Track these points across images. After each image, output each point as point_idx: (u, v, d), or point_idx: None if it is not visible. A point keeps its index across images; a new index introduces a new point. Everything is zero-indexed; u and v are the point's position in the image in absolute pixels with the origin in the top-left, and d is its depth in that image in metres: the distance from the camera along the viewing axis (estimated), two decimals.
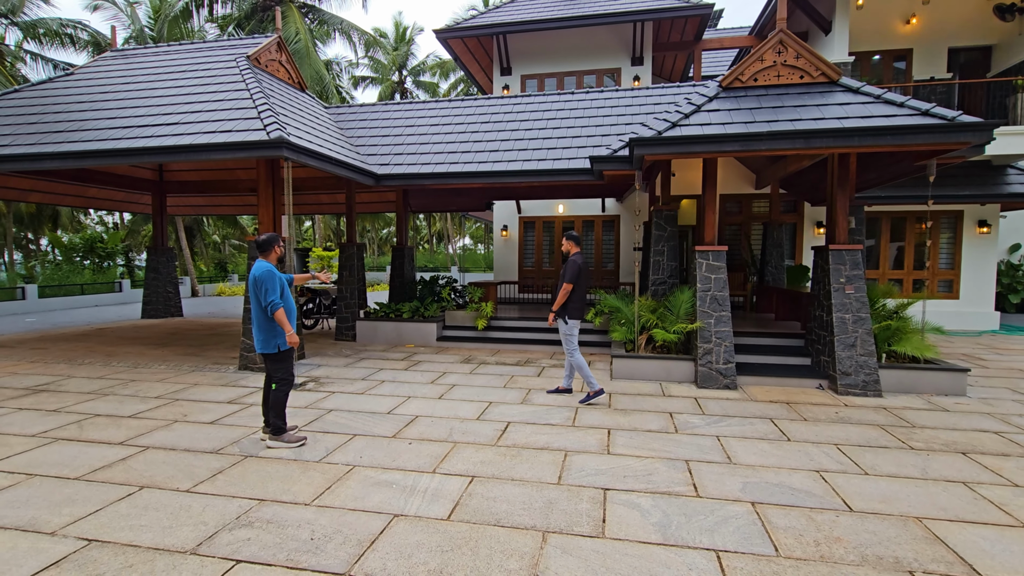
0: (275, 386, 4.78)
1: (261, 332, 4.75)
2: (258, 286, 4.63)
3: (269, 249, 4.89)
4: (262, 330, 4.74)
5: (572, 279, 5.97)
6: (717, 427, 5.29)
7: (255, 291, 4.67)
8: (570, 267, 6.02)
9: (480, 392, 6.61)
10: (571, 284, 5.97)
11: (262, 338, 4.76)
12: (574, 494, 3.80)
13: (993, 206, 12.34)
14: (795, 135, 6.17)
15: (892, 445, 4.80)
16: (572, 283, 5.97)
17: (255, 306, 4.73)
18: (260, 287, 4.62)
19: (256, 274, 4.66)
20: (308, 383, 7.04)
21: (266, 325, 4.73)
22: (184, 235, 25.78)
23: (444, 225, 48.51)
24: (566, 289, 5.98)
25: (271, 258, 4.90)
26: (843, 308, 6.78)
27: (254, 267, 4.75)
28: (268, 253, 4.89)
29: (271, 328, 4.73)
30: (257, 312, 4.73)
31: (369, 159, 9.88)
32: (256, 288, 4.65)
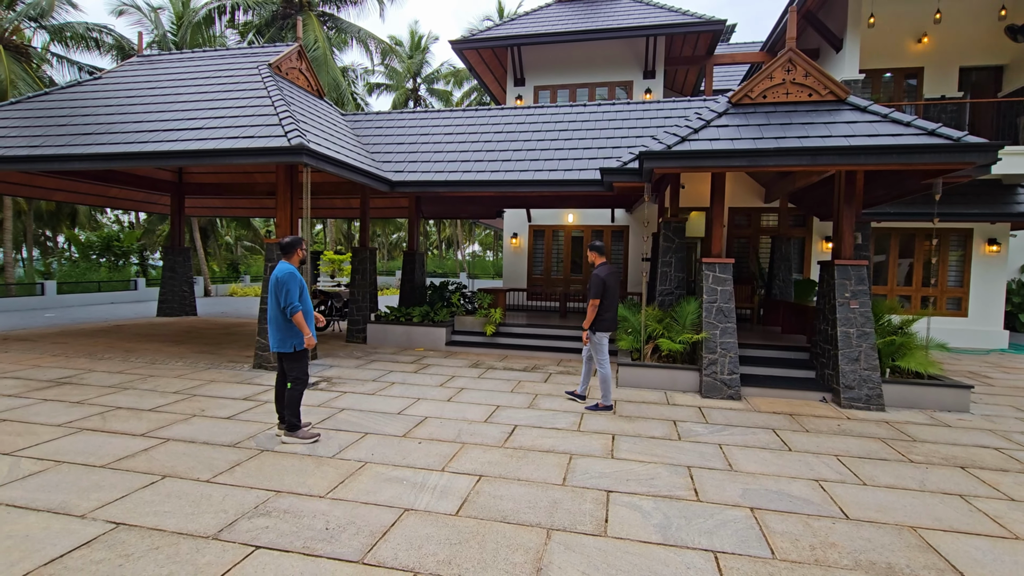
0: (290, 385, 4.93)
1: (279, 332, 4.90)
2: (279, 287, 4.78)
3: (292, 251, 5.04)
4: (280, 330, 4.90)
5: (597, 295, 5.98)
6: (720, 435, 5.40)
7: (275, 292, 4.81)
8: (594, 283, 6.02)
9: (488, 396, 6.76)
10: (597, 300, 5.98)
11: (279, 337, 4.91)
12: (578, 495, 3.94)
13: (1003, 225, 12.36)
14: (802, 152, 6.30)
15: (892, 458, 4.89)
16: (598, 299, 5.98)
17: (273, 306, 4.88)
18: (281, 289, 4.78)
19: (278, 275, 4.81)
20: (321, 383, 7.22)
21: (284, 325, 4.89)
22: (198, 235, 26.22)
23: (454, 231, 48.85)
24: (593, 305, 5.99)
25: (293, 260, 5.05)
26: (847, 323, 6.87)
27: (276, 268, 4.89)
28: (291, 255, 5.05)
29: (288, 328, 4.89)
30: (275, 312, 4.88)
31: (384, 166, 10.12)
32: (277, 289, 4.80)
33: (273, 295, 4.85)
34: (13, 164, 8.26)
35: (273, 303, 4.88)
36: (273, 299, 4.86)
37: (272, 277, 4.84)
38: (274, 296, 4.84)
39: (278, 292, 4.81)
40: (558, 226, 14.65)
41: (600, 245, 6.33)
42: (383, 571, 2.93)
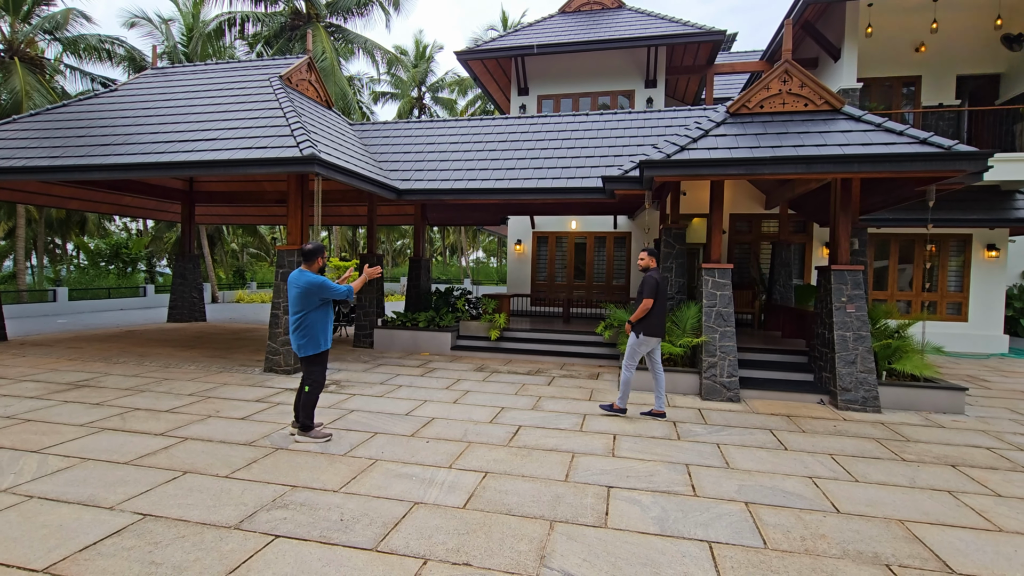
0: (308, 388, 5.13)
1: (303, 337, 5.06)
2: (312, 293, 4.98)
3: (314, 259, 5.16)
4: (304, 335, 5.05)
5: (651, 294, 5.90)
6: (718, 436, 5.56)
7: (304, 298, 4.98)
8: (648, 283, 5.96)
9: (493, 398, 6.94)
10: (651, 299, 5.90)
11: (303, 342, 5.06)
12: (580, 490, 4.11)
13: (1002, 231, 12.49)
14: (797, 160, 6.50)
15: (885, 456, 5.04)
16: (652, 298, 5.90)
17: (298, 313, 5.03)
18: (316, 293, 4.98)
19: (306, 285, 4.97)
20: (330, 386, 7.42)
21: (307, 330, 5.05)
22: (206, 242, 26.57)
23: (458, 238, 49.15)
24: (646, 305, 5.90)
25: (313, 268, 5.14)
26: (844, 326, 7.03)
27: (305, 278, 4.99)
28: (312, 263, 5.15)
29: (311, 333, 5.06)
30: (300, 317, 5.04)
31: (391, 174, 10.37)
32: (308, 296, 4.98)
33: (300, 301, 5.00)
34: (34, 175, 8.55)
35: (298, 310, 5.02)
36: (299, 305, 5.01)
37: (299, 286, 4.98)
38: (301, 302, 5.00)
39: (308, 297, 4.98)
40: (561, 232, 14.86)
41: (655, 250, 6.29)
42: (396, 558, 3.11)
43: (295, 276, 5.06)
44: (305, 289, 4.98)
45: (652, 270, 6.11)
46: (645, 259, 6.18)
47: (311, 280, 4.99)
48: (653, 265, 6.17)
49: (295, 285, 5.03)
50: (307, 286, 4.98)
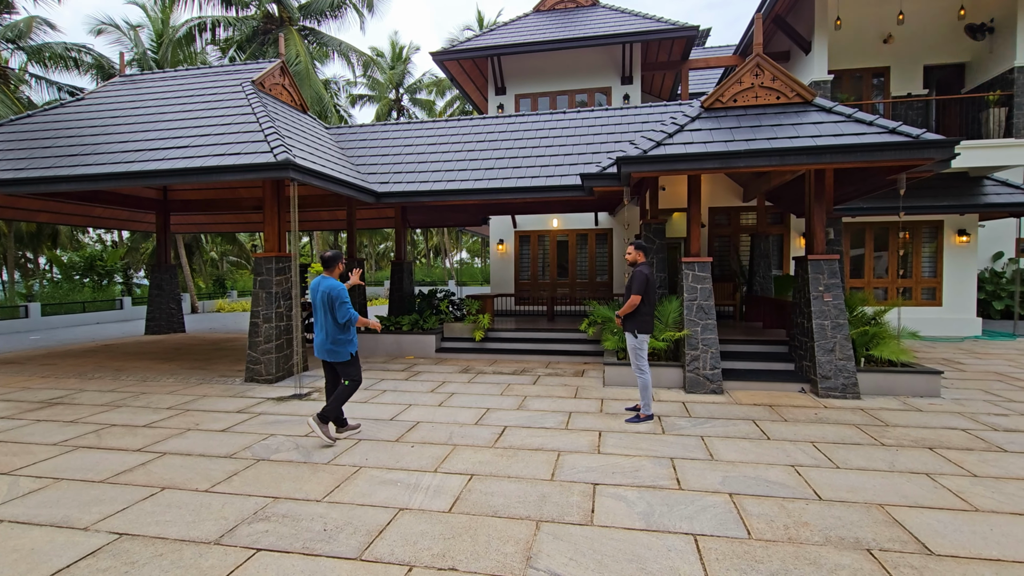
0: (347, 383, 5.26)
1: (334, 343, 5.16)
2: (335, 300, 5.06)
3: (334, 265, 5.26)
4: (335, 342, 5.15)
5: (640, 290, 5.70)
6: (702, 428, 5.60)
7: (328, 305, 5.07)
8: (637, 279, 5.75)
9: (478, 400, 6.91)
10: (639, 296, 5.71)
11: (337, 349, 5.17)
12: (566, 489, 4.11)
13: (972, 216, 12.80)
14: (771, 153, 6.58)
15: (865, 442, 5.12)
16: (640, 295, 5.71)
17: (327, 318, 5.10)
18: (336, 301, 5.06)
19: (330, 291, 5.06)
20: (312, 393, 7.33)
21: (337, 336, 5.15)
22: (184, 252, 26.09)
23: (441, 240, 48.97)
24: (633, 301, 5.73)
25: (334, 273, 5.25)
26: (822, 315, 7.13)
27: (327, 283, 5.11)
28: (332, 269, 5.26)
29: (342, 338, 5.17)
30: (329, 323, 5.11)
31: (369, 177, 10.27)
32: (331, 302, 5.06)
33: (326, 308, 5.08)
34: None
35: (327, 316, 5.10)
36: (326, 312, 5.09)
37: (321, 292, 5.09)
38: (328, 309, 5.08)
39: (333, 305, 5.07)
40: (543, 231, 14.88)
41: (643, 243, 6.09)
42: (380, 566, 3.08)
43: (316, 283, 5.19)
44: (324, 296, 5.09)
45: (641, 264, 5.92)
46: (632, 253, 6.05)
47: (331, 288, 5.10)
48: (641, 259, 6.01)
49: (318, 292, 5.14)
50: (326, 292, 5.09)
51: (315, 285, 5.19)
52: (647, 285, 5.81)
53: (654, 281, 5.99)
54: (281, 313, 8.16)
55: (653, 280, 5.93)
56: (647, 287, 5.81)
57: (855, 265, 13.45)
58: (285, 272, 8.25)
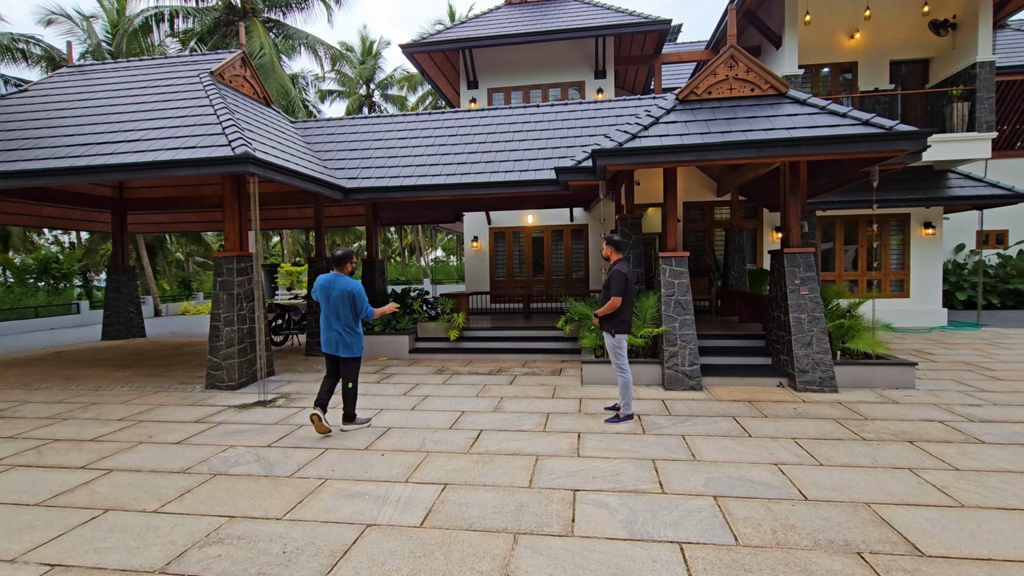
0: (351, 384, 5.52)
1: (350, 338, 5.39)
2: (356, 299, 5.31)
3: (344, 263, 5.43)
4: (351, 336, 5.38)
5: (619, 292, 5.49)
6: (683, 427, 5.47)
7: (350, 302, 5.30)
8: (615, 280, 5.51)
9: (453, 402, 6.66)
10: (620, 298, 5.51)
11: (350, 343, 5.39)
12: (544, 496, 3.90)
13: (937, 209, 13.06)
14: (747, 145, 6.48)
15: (846, 437, 5.06)
16: (620, 296, 5.51)
17: (346, 316, 5.31)
18: (360, 297, 5.32)
19: (351, 289, 5.29)
20: (278, 399, 6.96)
21: (353, 333, 5.39)
22: (145, 253, 25.07)
23: (415, 238, 48.36)
24: (613, 303, 5.51)
25: (345, 271, 5.45)
26: (799, 308, 7.09)
27: (343, 281, 5.32)
28: (343, 267, 5.43)
29: (357, 333, 5.43)
30: (347, 322, 5.33)
31: (337, 173, 9.89)
32: (352, 300, 5.31)
33: (348, 305, 5.30)
34: None
35: (347, 313, 5.32)
36: (348, 309, 5.31)
37: (340, 290, 5.28)
38: (349, 306, 5.31)
39: (355, 302, 5.31)
40: (518, 227, 14.66)
41: (617, 239, 5.73)
42: None
43: (328, 280, 5.34)
44: (342, 293, 5.27)
45: (619, 262, 5.68)
46: (606, 250, 5.82)
47: (349, 285, 5.31)
48: (616, 257, 5.76)
49: (332, 289, 5.30)
50: (345, 290, 5.28)
51: (327, 283, 5.32)
52: (626, 285, 5.61)
53: (632, 279, 5.83)
54: (244, 315, 7.75)
55: (632, 279, 5.76)
56: (626, 287, 5.61)
57: (826, 258, 13.61)
58: (247, 272, 7.84)
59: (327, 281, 5.35)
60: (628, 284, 5.63)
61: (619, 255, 5.82)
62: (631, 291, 5.72)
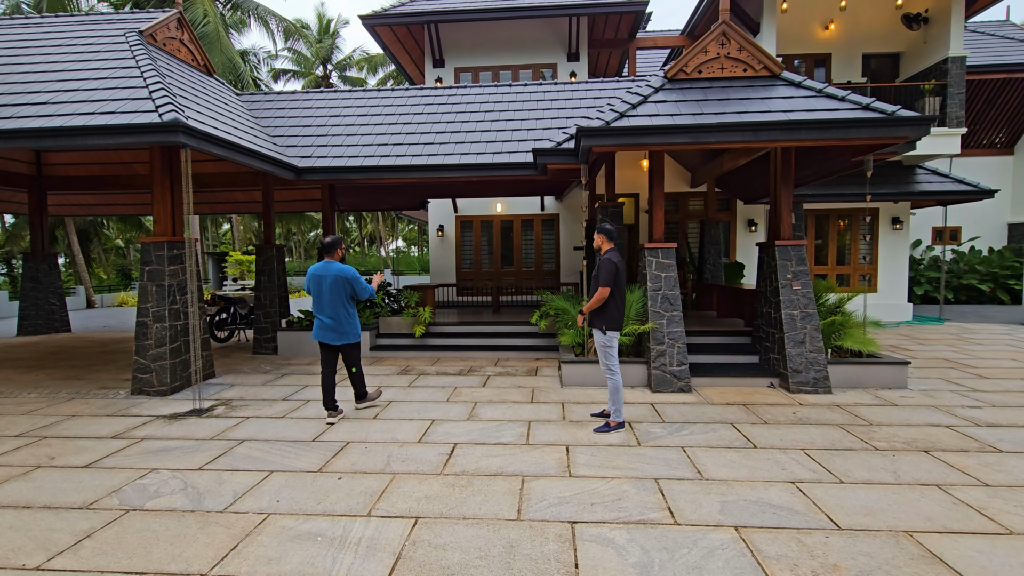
0: (355, 369, 5.61)
1: (349, 325, 5.39)
2: (352, 283, 5.34)
3: (333, 250, 5.38)
4: (347, 324, 5.38)
5: (608, 282, 4.97)
6: (680, 436, 4.93)
7: (344, 288, 5.32)
8: (605, 268, 5.00)
9: (421, 408, 5.93)
10: (608, 288, 4.98)
11: (348, 330, 5.40)
12: (537, 532, 3.25)
13: (905, 204, 13.11)
14: (744, 127, 5.98)
15: (857, 447, 4.63)
16: (609, 287, 4.98)
17: (340, 304, 5.32)
18: (356, 281, 5.35)
19: (347, 272, 5.30)
20: (217, 407, 6.05)
21: (351, 319, 5.40)
22: (76, 239, 22.96)
23: (376, 227, 46.83)
24: (602, 294, 4.99)
25: (335, 258, 5.38)
26: (791, 304, 6.69)
27: (336, 267, 5.29)
28: (332, 254, 5.38)
29: (353, 322, 5.43)
30: (343, 308, 5.34)
31: (289, 151, 8.89)
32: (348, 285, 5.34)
33: (344, 291, 5.31)
34: None
35: (342, 299, 5.32)
36: (344, 295, 5.32)
37: (334, 277, 5.26)
38: (344, 292, 5.32)
39: (351, 286, 5.34)
40: (486, 216, 13.91)
41: (609, 227, 5.18)
42: None
43: (320, 268, 5.30)
44: (336, 279, 5.26)
45: (609, 251, 5.16)
46: (598, 239, 5.25)
47: (343, 270, 5.29)
48: (608, 246, 5.21)
49: (326, 277, 5.26)
50: (339, 275, 5.25)
51: (319, 270, 5.28)
52: (616, 276, 5.03)
53: (624, 270, 5.22)
54: (177, 310, 6.75)
55: (623, 269, 5.17)
56: (617, 278, 5.03)
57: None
58: (180, 261, 6.83)
59: (319, 269, 5.29)
60: (619, 274, 5.06)
61: (611, 244, 5.24)
62: (622, 283, 5.15)
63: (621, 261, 5.15)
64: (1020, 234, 18.43)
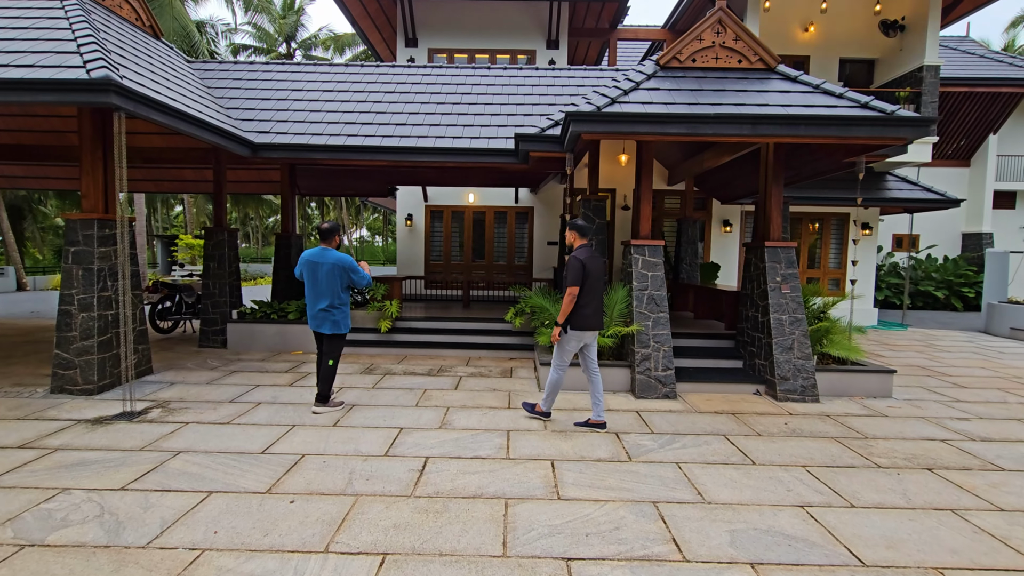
0: (331, 362, 5.27)
1: (341, 315, 5.23)
2: (348, 270, 5.15)
3: (331, 237, 5.20)
4: (340, 312, 5.20)
5: (575, 281, 4.73)
6: (673, 450, 4.55)
7: (340, 276, 5.12)
8: (571, 268, 4.77)
9: (387, 414, 5.36)
10: (576, 288, 4.73)
11: (340, 319, 5.22)
12: (528, 572, 2.77)
13: (874, 210, 13.25)
14: (743, 120, 5.64)
15: (858, 463, 4.35)
16: (577, 286, 4.73)
17: (333, 292, 5.12)
18: (352, 269, 5.15)
19: (344, 260, 5.12)
20: (151, 410, 5.31)
21: (345, 309, 5.24)
22: (5, 215, 21.07)
23: (339, 215, 45.33)
24: (570, 295, 4.72)
25: (333, 244, 5.20)
26: (780, 309, 6.43)
27: (333, 255, 5.12)
28: (330, 240, 5.20)
29: (346, 311, 5.26)
30: (339, 297, 5.16)
31: (244, 125, 8.08)
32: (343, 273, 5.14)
33: (340, 279, 5.12)
34: None
35: (337, 288, 5.13)
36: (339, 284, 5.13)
37: (331, 264, 5.07)
38: (340, 280, 5.13)
39: (349, 274, 5.15)
40: (458, 207, 13.32)
41: (580, 223, 4.95)
42: None
43: (316, 254, 5.10)
44: (333, 267, 5.08)
45: (578, 249, 4.91)
46: (569, 236, 5.01)
47: (341, 258, 5.11)
48: (580, 242, 4.95)
49: (322, 264, 5.08)
50: (337, 263, 5.08)
51: (315, 256, 5.10)
52: (584, 275, 4.75)
53: (596, 268, 4.86)
54: (108, 298, 5.94)
55: (594, 267, 4.84)
56: (584, 275, 4.75)
57: None
58: (111, 242, 6.00)
59: (315, 255, 5.10)
60: (586, 272, 4.78)
61: (583, 240, 4.98)
62: (594, 282, 4.82)
63: (591, 259, 4.83)
64: (973, 243, 19.12)
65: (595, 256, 4.90)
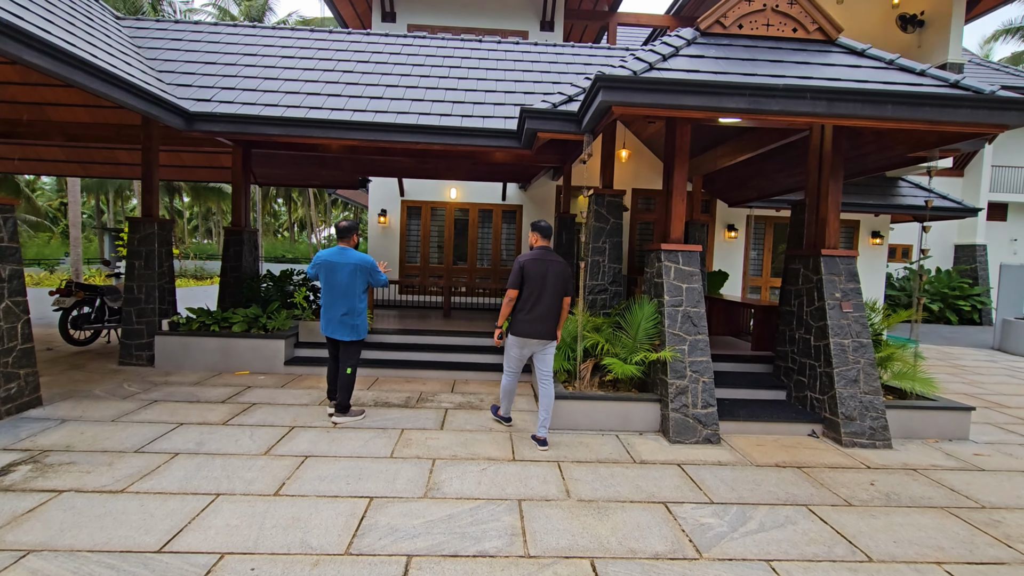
0: (349, 370, 4.94)
1: (360, 319, 4.95)
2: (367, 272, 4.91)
3: (349, 236, 4.95)
4: (358, 316, 4.92)
5: (514, 283, 4.61)
6: (751, 536, 3.29)
7: (362, 276, 4.88)
8: (513, 270, 4.65)
9: (351, 472, 3.94)
10: (515, 291, 4.60)
11: (359, 324, 4.94)
12: None
13: (885, 217, 12.44)
14: (819, 94, 4.46)
15: (1005, 556, 3.17)
16: (515, 289, 4.60)
17: (355, 294, 4.86)
18: (373, 269, 4.94)
19: (361, 262, 4.87)
20: (17, 467, 3.77)
21: (363, 313, 4.96)
22: None
23: (307, 211, 43.24)
24: (507, 298, 4.63)
25: (351, 243, 4.98)
26: (841, 331, 5.28)
27: (354, 255, 4.88)
28: (349, 239, 4.96)
29: (363, 316, 4.96)
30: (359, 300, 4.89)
31: (179, 91, 6.53)
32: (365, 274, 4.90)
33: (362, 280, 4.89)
34: None
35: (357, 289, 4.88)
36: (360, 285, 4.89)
37: (353, 264, 4.84)
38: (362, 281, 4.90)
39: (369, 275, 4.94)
40: (438, 203, 11.92)
41: (544, 225, 4.71)
42: None
43: (335, 254, 4.87)
44: (356, 268, 4.85)
45: (534, 249, 4.69)
46: (531, 237, 4.79)
47: (363, 259, 4.91)
48: (539, 245, 4.69)
49: (342, 264, 4.83)
50: (359, 264, 4.86)
51: (333, 257, 4.85)
52: (523, 276, 4.57)
53: (538, 271, 4.52)
54: None
55: (536, 270, 4.52)
56: (524, 279, 4.56)
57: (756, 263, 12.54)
58: None
59: (334, 256, 4.86)
60: (525, 274, 4.56)
61: (545, 242, 4.71)
62: (534, 284, 4.53)
63: (533, 261, 4.55)
64: (967, 255, 18.73)
65: (542, 259, 4.49)
